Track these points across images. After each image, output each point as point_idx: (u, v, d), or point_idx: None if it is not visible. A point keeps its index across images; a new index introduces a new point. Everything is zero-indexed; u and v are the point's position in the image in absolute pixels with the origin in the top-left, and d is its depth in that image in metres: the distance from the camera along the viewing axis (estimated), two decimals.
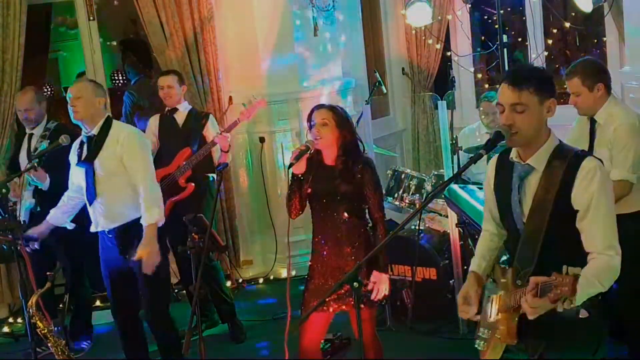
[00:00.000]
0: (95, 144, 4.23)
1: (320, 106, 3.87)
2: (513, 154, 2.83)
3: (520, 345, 2.74)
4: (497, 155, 2.95)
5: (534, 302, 2.47)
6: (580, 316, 2.63)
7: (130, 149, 4.22)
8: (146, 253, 4.14)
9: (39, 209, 5.20)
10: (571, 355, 2.72)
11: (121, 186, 4.23)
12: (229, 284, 6.16)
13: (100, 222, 4.31)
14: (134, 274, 4.28)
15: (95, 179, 4.23)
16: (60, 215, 4.50)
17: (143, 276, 4.23)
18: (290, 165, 3.76)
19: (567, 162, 2.68)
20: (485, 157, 2.80)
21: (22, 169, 5.14)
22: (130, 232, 4.25)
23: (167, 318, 4.48)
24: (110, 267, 4.37)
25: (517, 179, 2.80)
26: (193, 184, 5.30)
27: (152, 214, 4.18)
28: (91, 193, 4.25)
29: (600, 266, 2.61)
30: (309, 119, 3.82)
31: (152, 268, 4.17)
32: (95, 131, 4.24)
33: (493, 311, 2.83)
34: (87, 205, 4.33)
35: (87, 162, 4.25)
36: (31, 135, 5.33)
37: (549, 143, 2.74)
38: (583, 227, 2.66)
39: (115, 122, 4.33)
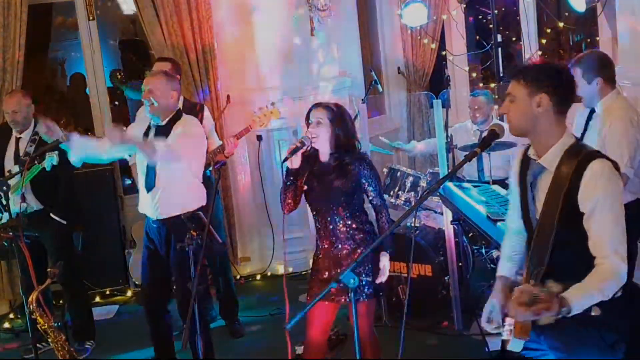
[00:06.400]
0: (161, 135, 4.30)
1: (317, 105, 3.92)
2: (531, 151, 2.80)
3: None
4: (524, 147, 2.89)
5: (518, 310, 2.42)
6: (592, 314, 2.57)
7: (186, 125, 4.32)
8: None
9: (29, 210, 5.04)
10: (587, 354, 2.67)
11: (179, 178, 4.31)
12: None
13: (151, 210, 4.37)
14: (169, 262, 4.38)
15: (156, 169, 4.29)
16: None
17: (177, 264, 4.31)
18: (285, 160, 3.82)
19: (576, 162, 2.63)
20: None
21: (7, 172, 5.01)
22: (172, 226, 4.30)
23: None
24: (149, 249, 4.46)
25: (531, 177, 2.79)
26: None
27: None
28: (151, 181, 4.32)
29: (603, 274, 2.55)
30: (307, 117, 3.87)
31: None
32: (164, 122, 4.34)
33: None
34: (143, 191, 4.38)
35: None
36: (18, 139, 5.18)
37: (562, 142, 2.70)
38: (588, 230, 2.61)
39: (184, 116, 4.41)
